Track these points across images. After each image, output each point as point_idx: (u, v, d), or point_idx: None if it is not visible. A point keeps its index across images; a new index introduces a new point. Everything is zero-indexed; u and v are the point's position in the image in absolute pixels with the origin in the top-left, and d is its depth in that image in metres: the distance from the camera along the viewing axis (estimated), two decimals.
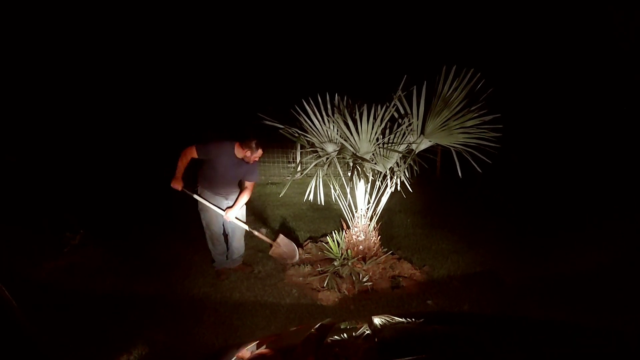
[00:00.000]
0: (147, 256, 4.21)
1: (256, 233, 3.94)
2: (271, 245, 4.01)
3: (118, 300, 3.28)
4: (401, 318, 1.61)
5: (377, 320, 1.51)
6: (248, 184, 3.72)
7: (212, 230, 3.73)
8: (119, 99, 9.77)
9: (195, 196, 3.61)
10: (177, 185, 3.56)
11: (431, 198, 7.06)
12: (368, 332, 1.39)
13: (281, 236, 4.06)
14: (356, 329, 1.49)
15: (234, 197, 3.72)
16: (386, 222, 5.10)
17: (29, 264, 3.82)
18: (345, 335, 1.43)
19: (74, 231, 4.22)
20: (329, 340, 1.31)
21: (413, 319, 1.65)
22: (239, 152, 3.52)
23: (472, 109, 3.45)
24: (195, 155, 3.48)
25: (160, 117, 9.95)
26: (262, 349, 1.38)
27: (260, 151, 3.50)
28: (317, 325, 1.47)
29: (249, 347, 1.42)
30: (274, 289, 3.60)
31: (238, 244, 3.88)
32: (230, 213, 3.63)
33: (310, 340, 1.31)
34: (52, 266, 3.85)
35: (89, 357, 2.60)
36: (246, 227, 3.80)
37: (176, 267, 3.98)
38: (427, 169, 4.15)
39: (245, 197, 3.70)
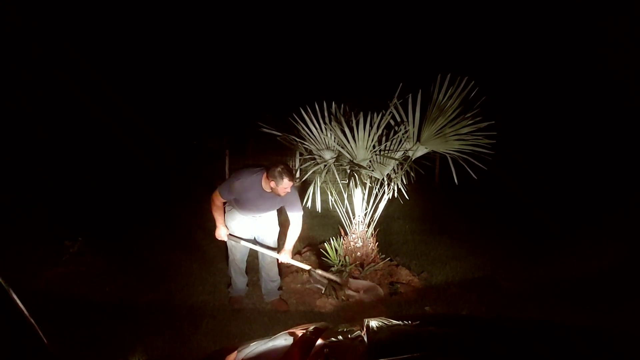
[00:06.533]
0: (146, 263, 4.22)
1: (296, 264, 3.42)
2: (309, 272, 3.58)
3: (117, 307, 3.28)
4: (396, 320, 1.63)
5: (371, 323, 1.53)
6: (292, 215, 3.15)
7: (236, 255, 3.30)
8: (116, 106, 9.87)
9: (243, 242, 3.20)
10: (223, 235, 3.16)
11: (430, 205, 7.10)
12: (361, 334, 1.40)
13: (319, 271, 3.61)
14: (350, 332, 1.50)
15: (264, 217, 3.27)
16: (384, 229, 5.11)
17: (28, 273, 3.82)
18: (339, 337, 1.45)
19: (72, 239, 4.23)
20: (321, 342, 1.33)
21: (408, 322, 1.67)
22: (266, 186, 2.94)
23: (467, 116, 3.51)
24: (222, 199, 3.06)
25: (159, 124, 10.04)
26: (256, 351, 1.40)
27: (287, 181, 2.83)
28: (311, 328, 1.49)
29: (243, 349, 1.44)
30: None
31: (269, 270, 3.31)
32: (284, 255, 3.17)
33: (303, 342, 1.33)
34: (50, 274, 3.85)
35: None
36: (298, 264, 3.41)
37: (175, 274, 3.98)
38: (426, 176, 4.19)
39: (294, 234, 3.19)
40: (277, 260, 3.30)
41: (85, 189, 7.41)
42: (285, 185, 2.84)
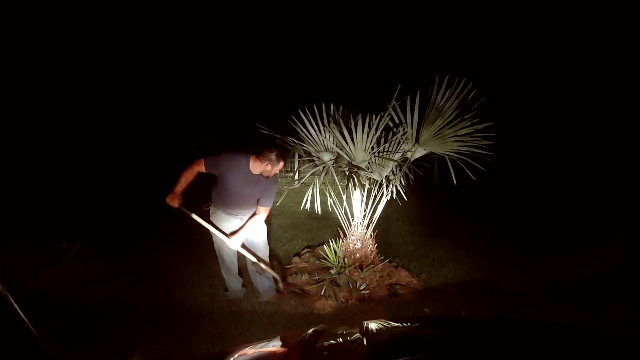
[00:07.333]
0: (144, 265, 4.22)
1: (263, 266, 3.36)
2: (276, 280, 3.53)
3: (115, 309, 3.28)
4: (395, 322, 1.63)
5: (370, 325, 1.52)
6: (261, 209, 3.17)
7: (223, 256, 3.28)
8: (116, 106, 9.88)
9: (194, 216, 3.09)
10: (173, 202, 3.00)
11: (429, 206, 7.09)
12: (360, 336, 1.40)
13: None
14: (350, 334, 1.50)
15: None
16: (383, 230, 5.12)
17: (26, 275, 3.82)
18: (338, 339, 1.45)
19: (70, 241, 4.23)
20: (320, 345, 1.33)
21: (408, 323, 1.66)
22: (255, 167, 3.03)
23: (465, 117, 3.50)
24: (203, 169, 3.01)
25: (159, 125, 10.06)
26: (254, 354, 1.40)
27: (282, 164, 3.04)
28: (310, 331, 1.48)
29: (241, 351, 1.44)
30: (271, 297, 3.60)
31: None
32: (234, 240, 3.11)
33: (302, 344, 1.33)
34: (49, 276, 3.85)
35: None
36: (252, 258, 3.29)
37: (173, 276, 3.98)
38: (425, 178, 4.19)
39: (253, 222, 3.15)
40: (267, 256, 3.42)
41: (85, 189, 7.42)
42: (279, 168, 3.10)
